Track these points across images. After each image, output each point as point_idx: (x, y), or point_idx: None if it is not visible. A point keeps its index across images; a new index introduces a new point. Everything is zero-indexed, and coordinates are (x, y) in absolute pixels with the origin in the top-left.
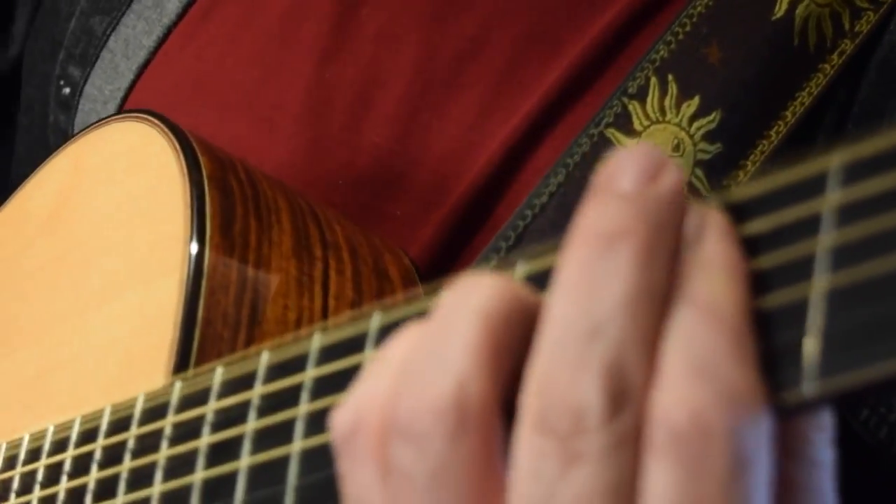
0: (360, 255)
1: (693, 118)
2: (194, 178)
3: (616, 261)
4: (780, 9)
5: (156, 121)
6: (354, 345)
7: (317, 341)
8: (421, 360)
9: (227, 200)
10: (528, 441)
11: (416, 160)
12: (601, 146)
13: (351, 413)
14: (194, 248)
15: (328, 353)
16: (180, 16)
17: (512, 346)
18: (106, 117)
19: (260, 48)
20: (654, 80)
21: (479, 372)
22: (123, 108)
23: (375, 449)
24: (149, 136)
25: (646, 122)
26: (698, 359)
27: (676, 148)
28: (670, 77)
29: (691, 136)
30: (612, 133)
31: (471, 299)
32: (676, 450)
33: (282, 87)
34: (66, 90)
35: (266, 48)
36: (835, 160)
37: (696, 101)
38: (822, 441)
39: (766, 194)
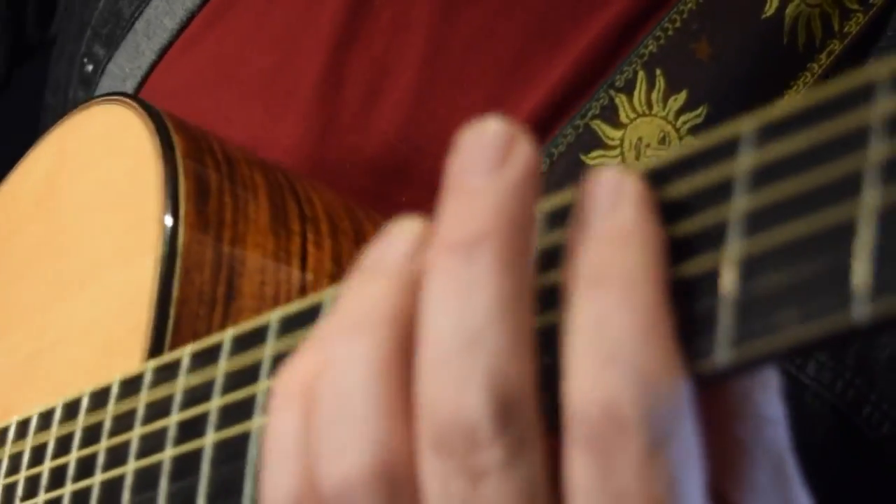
0: (339, 228)
1: (680, 112)
2: (168, 157)
3: (478, 268)
4: (771, 7)
5: (132, 103)
6: (311, 316)
7: (276, 313)
8: (332, 423)
9: (202, 178)
10: (430, 466)
11: (423, 148)
12: (586, 137)
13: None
14: (169, 226)
15: (288, 325)
16: (204, 1)
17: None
18: (86, 101)
19: (278, 36)
20: (641, 73)
21: (393, 432)
22: (144, 86)
23: None
24: (125, 118)
25: (632, 115)
26: (606, 343)
27: (662, 141)
28: (658, 71)
29: (677, 130)
30: (597, 125)
31: (359, 349)
32: (592, 440)
33: (296, 74)
34: (90, 67)
35: (283, 36)
36: (747, 124)
37: (683, 95)
38: (767, 399)
39: (682, 159)
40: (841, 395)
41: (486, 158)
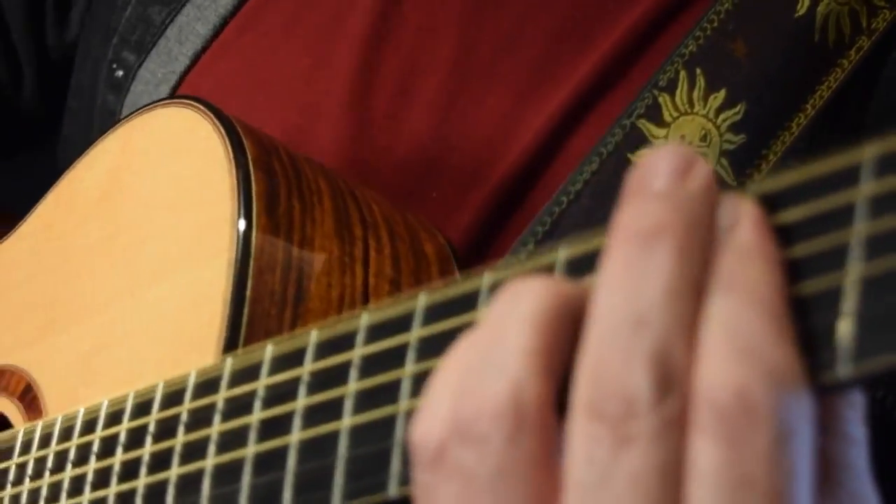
0: (397, 234)
1: (719, 110)
2: (240, 161)
3: (656, 256)
4: (803, 6)
5: (202, 107)
6: (401, 323)
7: (364, 319)
8: (477, 367)
9: (272, 182)
10: (581, 428)
11: (453, 147)
12: (633, 136)
13: (434, 434)
14: (242, 229)
15: (376, 332)
16: (237, 7)
17: (562, 345)
18: (153, 102)
19: (310, 40)
20: (683, 73)
21: (533, 374)
22: (178, 91)
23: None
24: (195, 121)
25: (675, 114)
26: (740, 340)
27: (703, 138)
28: (698, 71)
29: (717, 128)
30: (643, 124)
31: (520, 305)
32: (722, 427)
33: (329, 76)
34: (119, 73)
35: (315, 40)
36: (868, 152)
37: (722, 93)
38: (854, 417)
39: (800, 184)
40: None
41: (670, 168)
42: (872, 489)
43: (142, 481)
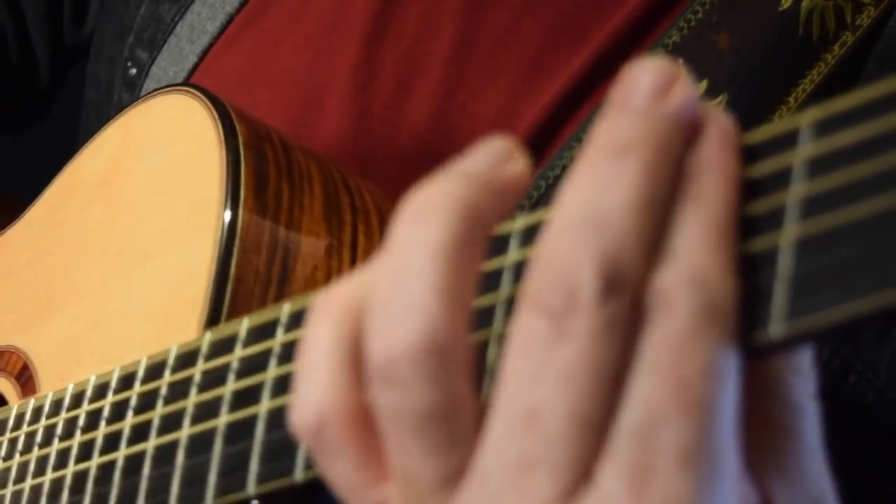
0: (388, 221)
1: None
2: (230, 144)
3: (623, 168)
4: (787, 1)
5: (197, 93)
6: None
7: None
8: (387, 303)
9: (261, 166)
10: (522, 321)
11: (451, 139)
12: None
13: (310, 411)
14: (228, 209)
15: None
16: (242, 4)
17: (473, 271)
18: (153, 91)
19: (312, 34)
20: None
21: (447, 311)
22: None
23: (348, 436)
24: (190, 107)
25: None
26: (693, 268)
27: None
28: (681, 61)
29: None
30: None
31: (425, 233)
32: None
33: (331, 70)
34: (133, 71)
35: (318, 34)
36: (806, 117)
37: (704, 84)
38: (799, 385)
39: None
40: (828, 364)
41: (650, 85)
42: (826, 469)
43: (121, 453)
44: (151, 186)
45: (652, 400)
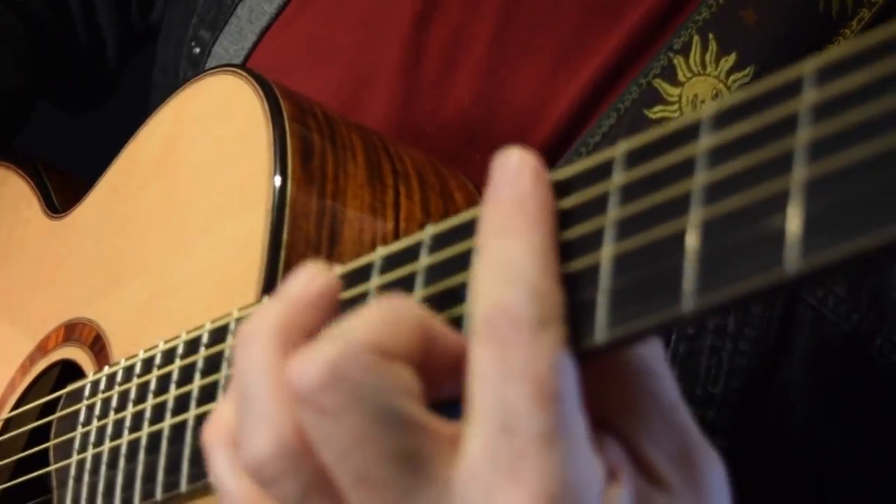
0: (427, 183)
1: (730, 72)
2: (276, 119)
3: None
4: None
5: (243, 73)
6: (411, 253)
7: (379, 252)
8: (242, 420)
9: (306, 138)
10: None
11: (494, 113)
12: (648, 94)
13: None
14: (277, 180)
15: (389, 262)
16: None
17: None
18: (202, 72)
19: (364, 15)
20: (696, 38)
21: (287, 411)
22: (246, 65)
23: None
24: (237, 86)
25: (688, 74)
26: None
27: (715, 97)
28: (711, 36)
29: (728, 88)
30: (658, 83)
31: (250, 355)
32: (493, 335)
33: (381, 48)
34: (197, 50)
35: (369, 15)
36: (619, 148)
37: (732, 57)
38: (646, 353)
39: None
40: (856, 327)
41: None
42: (691, 420)
43: (192, 413)
44: (204, 163)
45: (513, 399)
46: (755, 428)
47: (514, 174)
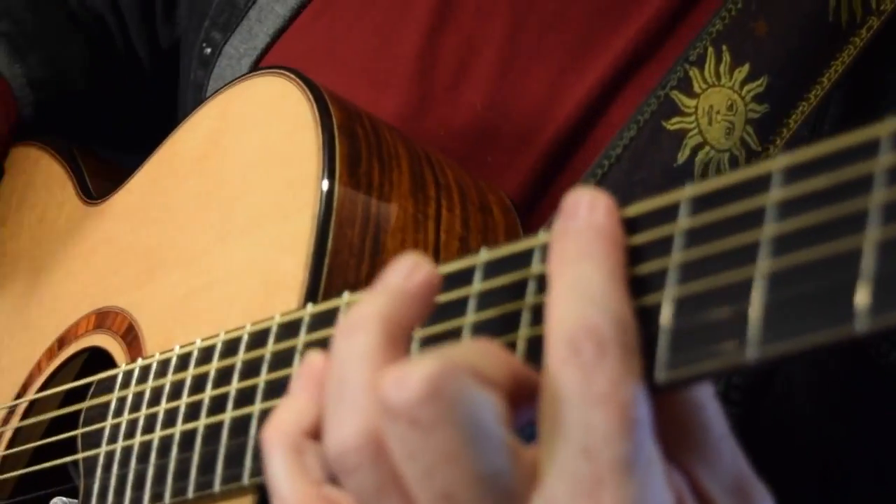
0: (467, 196)
1: (744, 82)
2: (326, 125)
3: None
4: None
5: (293, 76)
6: (462, 277)
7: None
8: (334, 406)
9: (354, 145)
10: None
11: (505, 116)
12: (666, 105)
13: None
14: (325, 185)
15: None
16: None
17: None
18: (249, 72)
19: (379, 22)
20: (710, 49)
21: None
22: (258, 66)
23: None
24: (286, 89)
25: (704, 86)
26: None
27: (730, 108)
28: (724, 47)
29: (743, 98)
30: (675, 94)
31: (354, 344)
32: (577, 357)
33: (396, 54)
34: (208, 50)
35: (384, 22)
36: (685, 192)
37: (746, 67)
38: (699, 389)
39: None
40: (872, 341)
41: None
42: (739, 450)
43: (228, 415)
44: (249, 162)
45: (596, 424)
46: (757, 425)
47: (588, 206)
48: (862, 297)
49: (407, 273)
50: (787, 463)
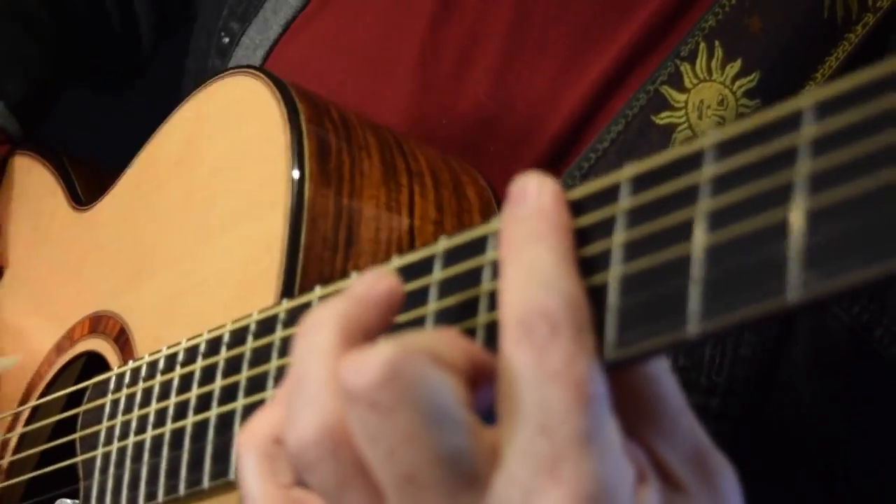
0: (441, 181)
1: (736, 78)
2: (294, 122)
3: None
4: None
5: (261, 74)
6: (424, 266)
7: (394, 262)
8: (292, 402)
9: (323, 140)
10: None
11: (508, 106)
12: (656, 100)
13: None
14: (296, 181)
15: (403, 273)
16: None
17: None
18: (220, 72)
19: (384, 11)
20: (703, 45)
21: (337, 399)
22: (271, 55)
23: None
24: (254, 88)
25: (695, 81)
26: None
27: (721, 103)
28: (717, 42)
29: (734, 94)
30: (665, 90)
31: (313, 341)
32: (528, 338)
33: (400, 45)
34: (226, 40)
35: (389, 11)
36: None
37: (738, 63)
38: (654, 362)
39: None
40: (857, 318)
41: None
42: (697, 422)
43: (214, 412)
44: (223, 164)
45: (552, 401)
46: (759, 416)
47: (536, 192)
48: (792, 267)
49: (370, 283)
50: (789, 455)
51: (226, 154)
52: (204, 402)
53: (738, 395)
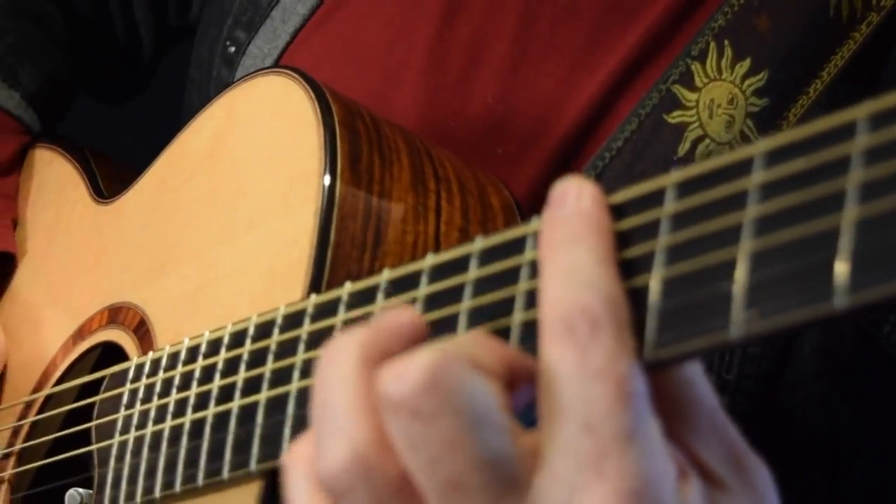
0: (467, 188)
1: (745, 77)
2: (327, 122)
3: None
4: None
5: (295, 74)
6: (460, 264)
7: (429, 260)
8: (321, 432)
9: (355, 141)
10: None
11: (516, 108)
12: (668, 99)
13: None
14: (327, 181)
15: (438, 271)
16: None
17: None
18: (254, 71)
19: (392, 16)
20: (713, 44)
21: (365, 424)
22: (278, 64)
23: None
24: (289, 88)
25: (705, 80)
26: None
27: (731, 102)
28: (726, 42)
29: (743, 92)
30: (677, 89)
31: (334, 370)
32: (571, 336)
33: (409, 48)
34: (232, 49)
35: (397, 15)
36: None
37: (747, 62)
38: (688, 365)
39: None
40: (866, 316)
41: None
42: (730, 421)
43: (236, 403)
44: (254, 160)
45: (595, 398)
46: (768, 413)
47: (576, 194)
48: (840, 274)
49: (394, 315)
50: (796, 448)
51: (257, 151)
52: (227, 393)
53: (748, 392)
